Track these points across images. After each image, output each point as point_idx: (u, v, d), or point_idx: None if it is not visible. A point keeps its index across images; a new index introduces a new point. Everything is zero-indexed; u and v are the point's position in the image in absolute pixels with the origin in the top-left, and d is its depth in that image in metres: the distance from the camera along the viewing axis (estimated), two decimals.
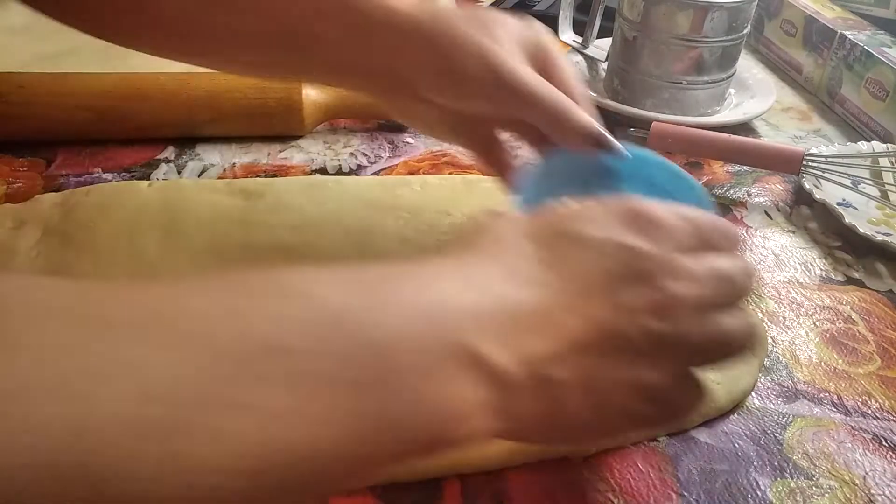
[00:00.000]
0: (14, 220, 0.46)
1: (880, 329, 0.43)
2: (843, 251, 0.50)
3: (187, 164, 0.55)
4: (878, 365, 0.41)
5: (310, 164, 0.56)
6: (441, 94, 0.38)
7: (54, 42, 0.69)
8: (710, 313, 0.27)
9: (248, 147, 0.58)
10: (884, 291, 0.47)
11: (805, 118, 0.69)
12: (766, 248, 0.50)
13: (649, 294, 0.26)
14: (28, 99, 0.54)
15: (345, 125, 0.61)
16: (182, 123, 0.57)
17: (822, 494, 0.33)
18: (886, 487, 0.34)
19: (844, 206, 0.53)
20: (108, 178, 0.53)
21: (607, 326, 0.25)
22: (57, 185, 0.52)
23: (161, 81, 0.56)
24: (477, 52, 0.36)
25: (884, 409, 0.38)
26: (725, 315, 0.27)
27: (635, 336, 0.25)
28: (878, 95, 0.63)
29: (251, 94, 0.56)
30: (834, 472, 0.34)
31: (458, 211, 0.49)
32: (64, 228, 0.45)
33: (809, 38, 0.73)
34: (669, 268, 0.26)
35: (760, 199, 0.56)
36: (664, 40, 0.62)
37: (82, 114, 0.55)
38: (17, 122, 0.55)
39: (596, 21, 0.69)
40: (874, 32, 0.68)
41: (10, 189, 0.51)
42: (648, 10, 0.61)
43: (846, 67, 0.68)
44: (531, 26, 0.40)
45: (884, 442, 0.36)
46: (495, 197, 0.50)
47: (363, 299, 0.23)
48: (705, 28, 0.60)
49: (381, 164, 0.57)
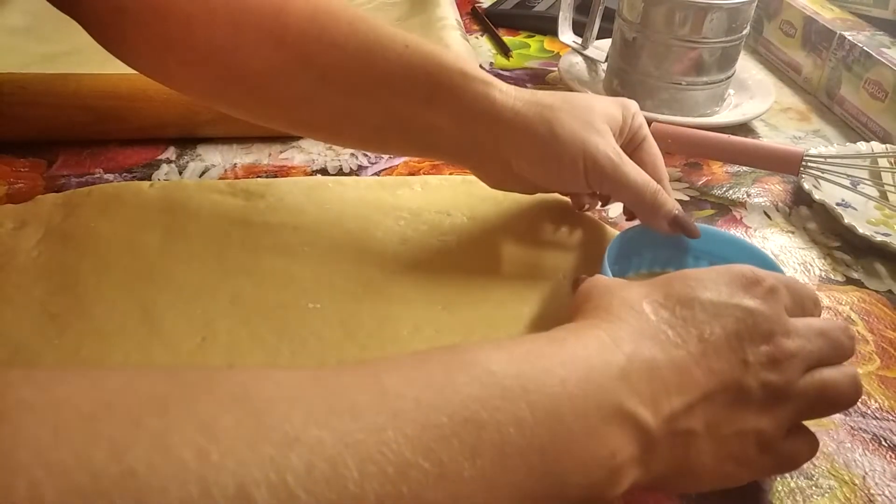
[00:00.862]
0: (15, 221, 0.46)
1: (879, 329, 0.44)
2: (842, 251, 0.50)
3: (188, 164, 0.56)
4: (877, 365, 0.41)
5: (311, 165, 0.56)
6: (537, 177, 0.42)
7: (55, 43, 0.69)
8: (817, 368, 0.30)
9: (249, 147, 0.58)
10: (883, 291, 0.47)
11: (804, 119, 0.69)
12: (766, 248, 0.50)
13: (767, 350, 0.29)
14: (29, 99, 0.54)
15: None
16: (183, 124, 0.57)
17: (822, 494, 0.33)
18: (886, 487, 0.34)
19: (843, 206, 0.54)
20: (110, 178, 0.53)
21: (732, 378, 0.28)
22: (58, 185, 0.52)
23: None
24: (573, 141, 0.40)
25: (883, 409, 0.38)
26: (832, 370, 0.30)
27: (755, 387, 0.28)
28: (877, 96, 0.64)
29: None
30: (833, 472, 0.35)
31: (459, 211, 0.49)
32: (65, 229, 0.45)
33: (808, 38, 0.73)
34: (783, 327, 0.29)
35: (760, 200, 0.56)
36: (664, 41, 0.62)
37: (83, 114, 0.55)
38: (19, 122, 0.55)
39: (595, 22, 0.69)
40: (873, 33, 0.68)
41: (12, 189, 0.51)
42: (648, 10, 0.62)
43: (845, 68, 0.68)
44: (623, 106, 0.43)
45: (883, 442, 0.36)
46: (495, 197, 0.50)
47: (532, 371, 0.25)
48: (705, 29, 0.60)
49: (381, 164, 0.57)
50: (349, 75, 0.40)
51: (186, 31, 0.39)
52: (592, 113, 0.41)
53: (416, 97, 0.40)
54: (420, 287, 0.43)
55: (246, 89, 0.42)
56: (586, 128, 0.40)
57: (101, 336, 0.38)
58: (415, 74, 0.40)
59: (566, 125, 0.40)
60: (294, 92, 0.41)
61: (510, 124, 0.40)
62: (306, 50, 0.40)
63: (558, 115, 0.40)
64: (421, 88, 0.40)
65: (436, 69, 0.40)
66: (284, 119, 0.44)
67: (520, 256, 0.46)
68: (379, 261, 0.45)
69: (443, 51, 0.41)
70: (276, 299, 0.41)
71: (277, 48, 0.40)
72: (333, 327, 0.40)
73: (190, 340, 0.38)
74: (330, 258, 0.45)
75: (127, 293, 0.41)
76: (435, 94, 0.40)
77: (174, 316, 0.40)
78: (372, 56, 0.40)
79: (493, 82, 0.41)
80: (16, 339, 0.38)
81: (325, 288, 0.42)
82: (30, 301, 0.40)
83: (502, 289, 0.43)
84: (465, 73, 0.40)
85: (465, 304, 0.42)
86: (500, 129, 0.41)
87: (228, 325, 0.39)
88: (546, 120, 0.40)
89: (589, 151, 0.40)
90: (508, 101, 0.40)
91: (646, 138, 0.44)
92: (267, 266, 0.44)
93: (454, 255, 0.46)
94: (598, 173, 0.40)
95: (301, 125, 0.45)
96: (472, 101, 0.40)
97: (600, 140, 0.40)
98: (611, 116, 0.42)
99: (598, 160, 0.40)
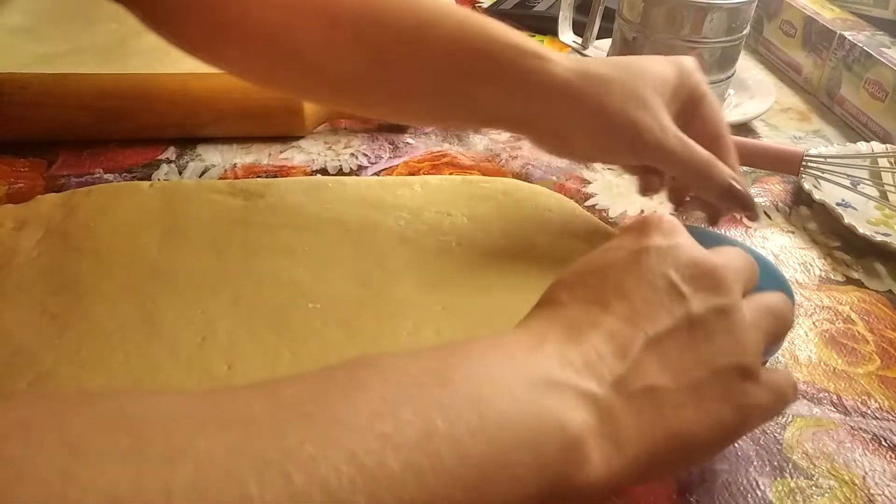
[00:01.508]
0: (15, 221, 0.46)
1: (879, 329, 0.44)
2: (842, 251, 0.50)
3: (188, 164, 0.56)
4: (877, 365, 0.41)
5: (310, 165, 0.56)
6: (590, 150, 0.43)
7: (55, 42, 0.69)
8: None
9: (248, 147, 0.58)
10: (883, 291, 0.47)
11: (804, 119, 0.69)
12: (766, 248, 0.50)
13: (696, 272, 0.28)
14: (29, 99, 0.54)
15: (345, 126, 0.62)
16: (183, 124, 0.57)
17: (822, 494, 0.34)
18: (886, 487, 0.34)
19: (844, 206, 0.54)
20: (110, 178, 0.53)
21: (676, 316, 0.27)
22: (58, 185, 0.52)
23: (162, 82, 0.56)
24: (621, 116, 0.40)
25: (883, 409, 0.38)
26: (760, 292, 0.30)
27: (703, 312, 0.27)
28: (878, 96, 0.64)
29: (252, 94, 0.56)
30: (833, 472, 0.35)
31: (459, 211, 0.49)
32: (65, 229, 0.45)
33: (809, 38, 0.73)
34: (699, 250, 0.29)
35: (760, 200, 0.56)
36: (664, 41, 0.62)
37: (83, 114, 0.55)
38: (19, 122, 0.55)
39: (596, 22, 0.69)
40: (873, 33, 0.68)
41: (12, 189, 0.51)
42: (648, 10, 0.62)
43: (845, 68, 0.68)
44: (678, 65, 0.43)
45: (883, 442, 0.36)
46: (495, 197, 0.51)
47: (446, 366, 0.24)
48: (705, 29, 0.60)
49: (381, 164, 0.57)
50: (402, 54, 0.41)
51: (241, 13, 0.40)
52: (644, 82, 0.41)
53: (470, 74, 0.41)
54: (420, 287, 0.43)
55: (302, 70, 0.42)
56: (635, 101, 0.40)
57: (101, 336, 0.38)
58: (468, 52, 0.40)
59: (616, 99, 0.40)
60: (349, 72, 0.41)
61: (562, 98, 0.40)
62: (359, 29, 0.40)
63: (608, 87, 0.40)
64: (474, 65, 0.40)
65: (489, 45, 0.40)
66: (342, 99, 0.45)
67: (520, 256, 0.46)
68: (379, 261, 0.45)
69: (494, 25, 0.41)
70: (276, 299, 0.41)
71: (331, 28, 0.40)
72: (333, 327, 0.40)
73: (190, 340, 0.38)
74: (330, 258, 0.45)
75: (127, 293, 0.41)
76: (489, 70, 0.40)
77: (174, 316, 0.40)
78: (425, 34, 0.40)
79: (545, 55, 0.41)
80: (16, 339, 0.38)
81: (325, 288, 0.42)
82: (30, 301, 0.40)
83: (502, 289, 0.43)
84: (518, 48, 0.40)
85: (464, 304, 0.42)
86: (552, 103, 0.41)
87: (228, 325, 0.39)
88: (596, 95, 0.40)
89: (637, 127, 0.40)
90: (562, 74, 0.40)
91: (704, 96, 0.43)
92: (267, 266, 0.44)
93: (454, 255, 0.46)
94: (645, 148, 0.41)
95: (359, 104, 0.47)
96: (526, 76, 0.40)
97: (647, 114, 0.40)
98: (664, 81, 0.42)
99: (644, 135, 0.40)
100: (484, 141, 0.61)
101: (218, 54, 0.43)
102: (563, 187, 0.55)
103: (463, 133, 0.61)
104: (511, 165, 0.57)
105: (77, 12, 0.75)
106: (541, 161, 0.58)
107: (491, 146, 0.60)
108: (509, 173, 0.56)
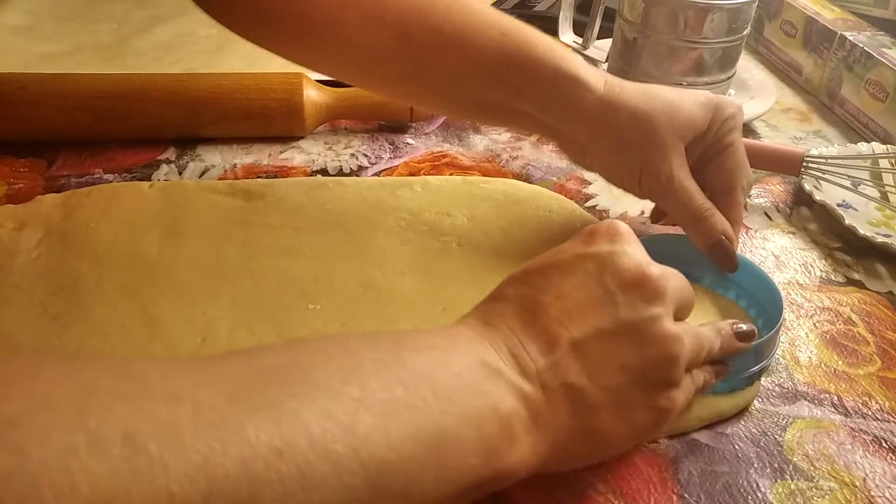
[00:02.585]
0: (15, 221, 0.46)
1: (880, 330, 0.44)
2: (842, 252, 0.50)
3: (188, 164, 0.55)
4: (878, 366, 0.41)
5: (311, 165, 0.56)
6: (607, 175, 0.45)
7: (55, 42, 0.69)
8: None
9: (249, 148, 0.58)
10: (884, 293, 0.47)
11: (805, 119, 0.69)
12: (766, 249, 0.50)
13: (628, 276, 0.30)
14: (29, 100, 0.54)
15: (346, 126, 0.61)
16: (183, 124, 0.57)
17: (823, 496, 0.33)
18: (887, 489, 0.34)
19: (844, 207, 0.53)
20: (109, 178, 0.53)
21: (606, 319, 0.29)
22: (58, 185, 0.52)
23: (162, 82, 0.56)
24: (635, 155, 0.42)
25: (884, 411, 0.38)
26: None
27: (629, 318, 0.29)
28: (878, 96, 0.63)
29: (252, 94, 0.56)
30: (834, 474, 0.35)
31: (459, 212, 0.49)
32: (65, 229, 0.45)
33: (809, 39, 0.73)
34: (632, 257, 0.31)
35: (760, 201, 0.56)
36: (664, 41, 0.62)
37: (83, 114, 0.55)
38: (19, 122, 0.55)
39: (596, 22, 0.69)
40: (874, 33, 0.68)
41: (11, 190, 0.51)
42: (648, 11, 0.61)
43: (846, 68, 0.68)
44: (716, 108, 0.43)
45: (884, 443, 0.36)
46: (495, 198, 0.50)
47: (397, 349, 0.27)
48: (705, 29, 0.60)
49: (381, 164, 0.57)
50: (445, 58, 0.42)
51: (289, 4, 0.41)
52: (670, 121, 0.42)
53: (509, 87, 0.42)
54: (420, 288, 0.43)
55: (349, 65, 0.44)
56: (652, 141, 0.42)
57: (101, 336, 0.38)
58: (508, 66, 0.41)
59: (635, 136, 0.42)
60: (395, 70, 0.43)
61: (589, 123, 0.42)
62: (405, 29, 0.41)
63: (633, 123, 0.42)
64: (513, 80, 0.42)
65: (529, 63, 0.41)
66: (385, 91, 0.49)
67: (520, 257, 0.46)
68: (379, 261, 0.44)
69: (538, 41, 0.42)
70: (276, 300, 0.41)
71: (379, 25, 0.41)
72: (333, 328, 0.40)
73: (190, 341, 0.38)
74: (330, 258, 0.44)
75: (127, 293, 0.41)
76: (526, 87, 0.42)
77: (174, 316, 0.40)
78: (468, 41, 0.41)
79: (582, 79, 0.42)
80: (16, 339, 0.38)
81: (325, 288, 0.42)
82: (30, 301, 0.40)
83: None
84: (557, 71, 0.41)
85: (464, 304, 0.41)
86: (581, 126, 0.43)
87: (228, 326, 0.39)
88: (617, 128, 0.42)
89: (646, 167, 0.42)
90: (591, 102, 0.42)
91: (730, 146, 0.44)
92: (267, 266, 0.43)
93: (454, 255, 0.46)
94: (650, 188, 0.43)
95: (401, 97, 0.51)
96: (559, 99, 0.42)
97: (659, 156, 0.42)
98: (692, 125, 0.42)
99: (650, 176, 0.42)
100: (484, 141, 0.61)
101: (265, 38, 0.44)
102: (563, 188, 0.55)
103: (463, 133, 0.61)
104: (511, 166, 0.57)
105: (77, 12, 0.75)
106: (541, 162, 0.58)
107: (491, 146, 0.60)
108: (509, 174, 0.56)
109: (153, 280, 0.42)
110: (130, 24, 0.74)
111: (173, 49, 0.70)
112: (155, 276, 0.42)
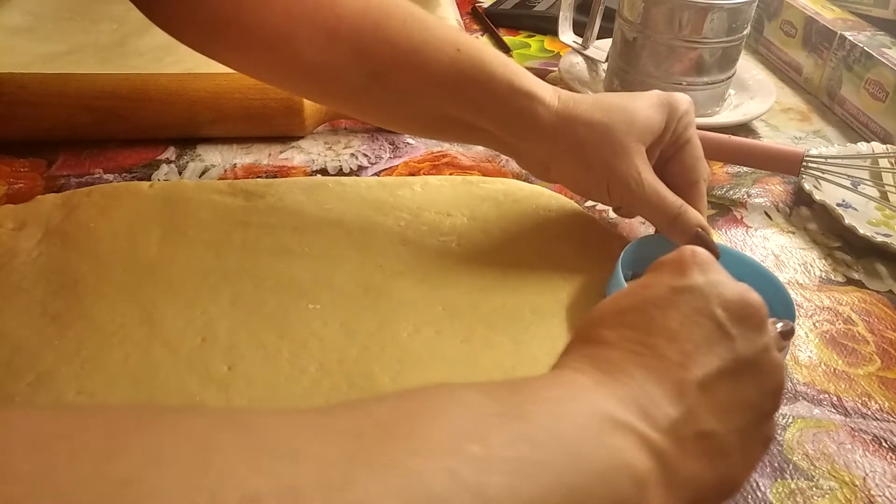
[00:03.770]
0: (15, 221, 0.46)
1: (880, 330, 0.44)
2: (842, 252, 0.50)
3: (188, 164, 0.55)
4: (877, 366, 0.41)
5: (310, 165, 0.56)
6: (571, 187, 0.46)
7: (55, 42, 0.69)
8: None
9: (248, 148, 0.58)
10: (883, 292, 0.47)
11: (805, 119, 0.69)
12: (766, 248, 0.50)
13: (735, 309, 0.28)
14: (29, 99, 0.54)
15: (345, 126, 0.61)
16: (183, 124, 0.57)
17: (823, 496, 0.33)
18: (886, 489, 0.34)
19: (844, 206, 0.53)
20: (109, 178, 0.53)
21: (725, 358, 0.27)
22: (58, 185, 0.52)
23: (162, 82, 0.56)
24: (600, 164, 0.42)
25: (884, 410, 0.38)
26: None
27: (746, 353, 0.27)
28: (878, 96, 0.63)
29: (252, 94, 0.56)
30: (834, 474, 0.35)
31: (459, 212, 0.49)
32: (65, 229, 0.45)
33: (809, 38, 0.73)
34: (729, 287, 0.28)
35: (760, 200, 0.56)
36: (664, 41, 0.62)
37: (83, 114, 0.55)
38: (19, 122, 0.55)
39: (596, 22, 0.69)
40: (874, 33, 0.68)
41: (11, 190, 0.51)
42: (648, 10, 0.61)
43: (846, 68, 0.68)
44: (671, 107, 0.44)
45: (884, 443, 0.36)
46: (495, 197, 0.50)
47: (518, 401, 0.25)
48: (705, 29, 0.60)
49: (381, 164, 0.57)
50: (400, 74, 0.42)
51: (236, 13, 0.40)
52: (628, 128, 0.42)
53: (464, 102, 0.42)
54: (420, 288, 0.43)
55: (300, 78, 0.43)
56: (614, 149, 0.42)
57: (101, 336, 0.38)
58: (463, 81, 0.41)
59: (596, 146, 0.42)
60: (347, 85, 0.42)
61: (548, 139, 0.43)
62: (359, 45, 0.41)
63: (591, 134, 0.42)
64: (469, 95, 0.42)
65: (484, 78, 0.41)
66: (338, 105, 0.49)
67: (520, 257, 0.46)
68: (379, 261, 0.44)
69: (493, 57, 0.42)
70: (276, 300, 0.41)
71: (331, 41, 0.40)
72: (333, 328, 0.40)
73: (190, 341, 0.38)
74: (330, 258, 0.44)
75: (127, 293, 0.41)
76: (482, 102, 0.42)
77: (174, 316, 0.40)
78: (423, 57, 0.41)
79: (537, 95, 0.42)
80: (16, 339, 0.38)
81: (325, 288, 0.42)
82: (30, 301, 0.40)
83: (502, 289, 0.43)
84: (511, 86, 0.42)
85: (465, 305, 0.42)
86: (538, 142, 0.43)
87: (228, 326, 0.39)
88: (578, 141, 0.42)
89: (613, 174, 0.42)
90: (546, 119, 0.42)
91: (687, 142, 0.45)
92: (267, 267, 0.43)
93: (454, 255, 0.46)
94: (619, 194, 0.43)
95: (355, 112, 0.50)
96: (516, 115, 0.42)
97: (624, 162, 0.42)
98: (650, 128, 0.43)
99: (619, 182, 0.42)
100: None
101: (216, 51, 0.43)
102: (562, 188, 0.55)
103: None
104: (511, 166, 0.57)
105: (77, 12, 0.75)
106: None
107: None
108: (509, 174, 0.56)
109: (153, 280, 0.42)
110: (130, 24, 0.74)
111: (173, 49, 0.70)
112: (155, 275, 0.42)
